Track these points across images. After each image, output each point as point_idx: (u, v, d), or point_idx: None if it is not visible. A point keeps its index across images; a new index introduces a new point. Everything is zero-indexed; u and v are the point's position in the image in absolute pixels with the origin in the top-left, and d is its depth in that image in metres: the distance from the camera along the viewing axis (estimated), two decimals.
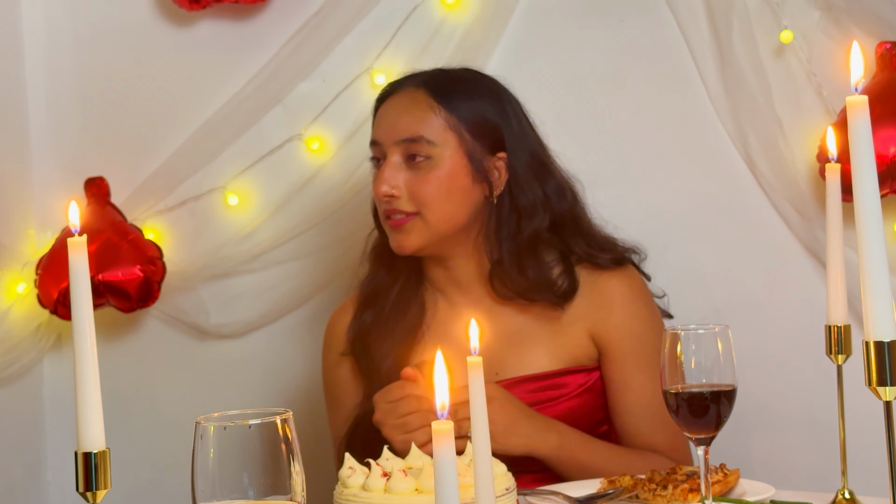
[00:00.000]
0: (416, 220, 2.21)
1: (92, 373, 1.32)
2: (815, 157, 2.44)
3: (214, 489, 1.26)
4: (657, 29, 2.60)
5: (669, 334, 1.69)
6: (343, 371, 2.35)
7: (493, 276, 2.24)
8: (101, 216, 2.80)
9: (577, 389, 2.22)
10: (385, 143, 2.24)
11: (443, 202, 2.20)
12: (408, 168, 2.21)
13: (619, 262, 2.27)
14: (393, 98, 2.28)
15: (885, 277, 1.25)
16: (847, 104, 1.26)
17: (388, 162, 2.23)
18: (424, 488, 1.67)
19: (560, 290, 2.22)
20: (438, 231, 2.21)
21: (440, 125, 2.21)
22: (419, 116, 2.22)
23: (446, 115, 2.21)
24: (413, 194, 2.20)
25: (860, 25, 2.42)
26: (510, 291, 2.23)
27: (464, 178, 2.21)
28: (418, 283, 2.32)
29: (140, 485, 2.90)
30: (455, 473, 1.07)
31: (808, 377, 2.51)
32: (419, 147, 2.20)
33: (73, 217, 1.38)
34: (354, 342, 2.32)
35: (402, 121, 2.23)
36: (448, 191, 2.20)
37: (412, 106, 2.24)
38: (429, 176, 2.20)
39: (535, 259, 2.22)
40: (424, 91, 2.24)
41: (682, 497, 1.81)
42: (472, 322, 1.30)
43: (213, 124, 2.80)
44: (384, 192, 2.21)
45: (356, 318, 2.33)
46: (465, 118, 2.22)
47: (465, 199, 2.22)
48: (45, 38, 2.92)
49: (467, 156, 2.21)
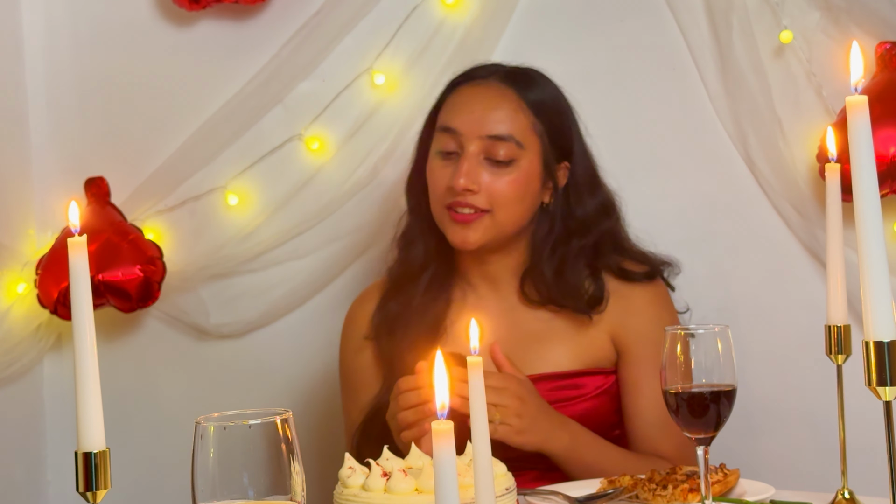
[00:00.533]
0: (486, 218, 2.19)
1: (92, 373, 1.32)
2: (815, 158, 2.44)
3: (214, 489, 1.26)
4: (657, 29, 2.61)
5: (669, 334, 1.69)
6: (364, 358, 2.32)
7: (527, 278, 2.24)
8: (102, 216, 2.80)
9: (595, 391, 2.22)
10: (467, 135, 2.20)
11: (516, 204, 2.19)
12: (488, 165, 2.19)
13: (651, 276, 2.28)
14: (477, 88, 2.24)
15: (885, 277, 1.25)
16: (847, 104, 1.26)
17: (468, 155, 2.19)
18: (424, 488, 1.67)
19: (588, 300, 2.22)
20: (504, 231, 2.20)
21: (527, 127, 2.20)
22: (509, 115, 2.20)
23: (533, 118, 2.20)
24: (490, 193, 2.18)
25: (860, 25, 2.42)
26: (541, 297, 2.23)
27: (536, 183, 2.21)
28: (449, 275, 2.30)
29: (140, 485, 2.90)
30: (455, 473, 1.07)
31: (808, 377, 2.51)
32: (506, 147, 2.18)
33: (73, 217, 1.38)
34: (379, 327, 2.29)
35: (491, 115, 2.20)
36: (523, 194, 2.19)
37: (501, 102, 2.21)
38: (508, 177, 2.18)
39: (575, 270, 2.22)
40: (512, 89, 2.21)
41: (681, 497, 1.81)
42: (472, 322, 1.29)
43: (213, 124, 2.80)
44: (462, 185, 2.17)
45: (383, 303, 2.30)
46: (546, 123, 2.21)
47: (533, 203, 2.22)
48: (45, 38, 2.92)
49: (543, 161, 2.21)
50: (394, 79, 2.72)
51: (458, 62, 2.67)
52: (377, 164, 2.74)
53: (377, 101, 2.73)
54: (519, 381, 2.08)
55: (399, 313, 2.26)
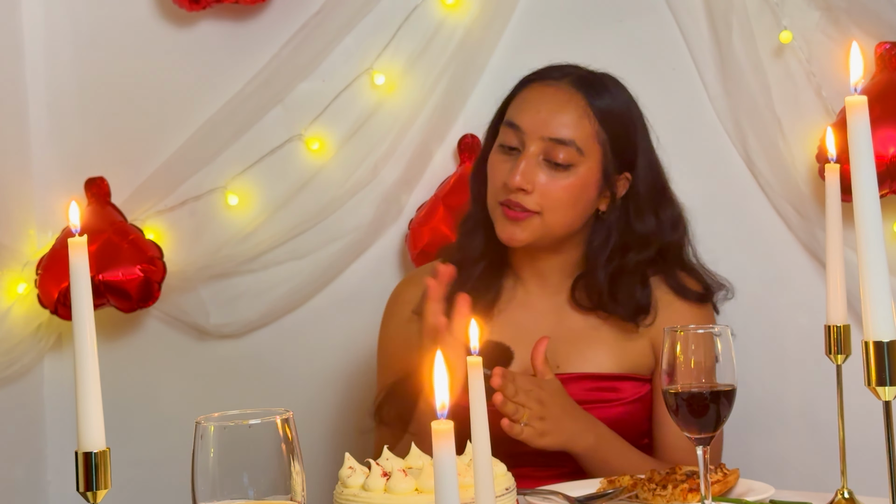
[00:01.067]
0: (535, 219, 2.18)
1: (92, 373, 1.32)
2: (814, 158, 2.44)
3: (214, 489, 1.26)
4: (657, 29, 2.61)
5: (669, 334, 1.69)
6: (414, 330, 2.27)
7: (579, 284, 2.23)
8: (102, 216, 2.81)
9: (631, 397, 2.22)
10: (529, 134, 2.19)
11: (567, 210, 2.18)
12: (546, 167, 2.18)
13: (705, 298, 2.26)
14: (546, 88, 2.23)
15: (885, 277, 1.25)
16: (846, 104, 1.26)
17: (528, 154, 2.18)
18: (424, 488, 1.67)
19: (636, 308, 2.21)
20: (553, 233, 2.20)
21: (591, 135, 2.18)
22: (574, 120, 2.18)
23: (598, 126, 2.18)
24: (542, 195, 2.17)
25: (860, 26, 2.42)
26: (591, 304, 2.22)
27: (592, 191, 2.20)
28: (501, 267, 2.29)
29: (140, 485, 2.90)
30: (455, 473, 1.07)
31: (807, 377, 2.51)
32: (566, 151, 2.17)
33: (74, 217, 1.38)
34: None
35: (556, 118, 2.18)
36: (576, 200, 2.18)
37: (569, 106, 2.19)
38: (564, 181, 2.17)
39: (630, 282, 2.21)
40: (582, 94, 2.20)
41: (681, 497, 1.81)
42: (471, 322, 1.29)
43: (213, 124, 2.80)
44: (518, 184, 2.16)
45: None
46: (611, 133, 2.19)
47: (586, 209, 2.21)
48: (45, 38, 2.92)
49: (602, 171, 2.19)
50: (394, 79, 2.72)
51: (458, 62, 2.68)
52: (377, 164, 2.74)
53: (377, 101, 2.73)
54: (542, 384, 2.08)
55: (451, 294, 2.25)
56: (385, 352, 2.36)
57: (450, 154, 2.74)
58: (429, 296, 2.09)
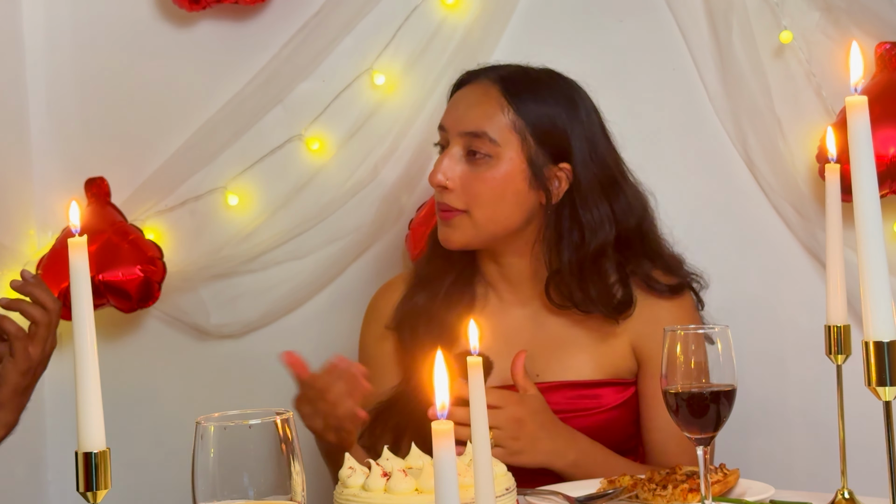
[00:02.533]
0: (464, 218, 2.18)
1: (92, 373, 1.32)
2: (814, 158, 2.44)
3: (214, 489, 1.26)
4: (657, 29, 2.61)
5: (669, 334, 1.69)
6: (387, 346, 2.31)
7: (551, 285, 2.21)
8: (102, 216, 2.81)
9: (614, 402, 2.21)
10: (450, 132, 2.21)
11: (494, 203, 2.18)
12: (467, 162, 2.19)
13: (676, 290, 2.24)
14: (467, 88, 2.25)
15: (885, 277, 1.25)
16: (846, 104, 1.27)
17: (448, 152, 2.20)
18: (424, 488, 1.68)
19: (616, 305, 2.20)
20: (486, 230, 2.19)
21: (506, 125, 2.18)
22: (487, 112, 2.19)
23: (514, 115, 2.18)
24: (466, 190, 2.18)
25: (860, 26, 2.42)
26: (566, 301, 2.20)
27: (520, 183, 2.18)
28: (472, 275, 2.29)
29: (140, 485, 2.90)
30: (455, 473, 1.07)
31: (808, 377, 2.51)
32: (481, 143, 2.17)
33: (74, 217, 1.38)
34: (403, 320, 2.28)
35: (469, 113, 2.20)
36: (501, 193, 2.18)
37: (483, 100, 2.21)
38: (485, 174, 2.17)
39: (597, 274, 2.19)
40: (498, 88, 2.20)
41: (681, 497, 1.81)
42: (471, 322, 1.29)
43: (213, 124, 2.81)
44: (438, 181, 2.18)
45: (408, 297, 2.29)
46: (532, 122, 2.18)
47: (519, 202, 2.19)
48: (45, 38, 2.92)
49: (528, 160, 2.18)
50: (394, 79, 2.72)
51: (458, 62, 2.67)
52: (377, 164, 2.74)
53: (377, 101, 2.74)
54: (519, 400, 2.07)
55: (423, 307, 2.25)
56: (361, 359, 2.36)
57: None
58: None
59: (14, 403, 2.16)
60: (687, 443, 1.92)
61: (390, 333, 2.30)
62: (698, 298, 2.29)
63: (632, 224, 2.23)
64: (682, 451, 2.15)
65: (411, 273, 2.34)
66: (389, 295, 2.34)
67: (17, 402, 2.17)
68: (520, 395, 2.08)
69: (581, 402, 2.19)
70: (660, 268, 2.25)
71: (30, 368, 2.15)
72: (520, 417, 2.05)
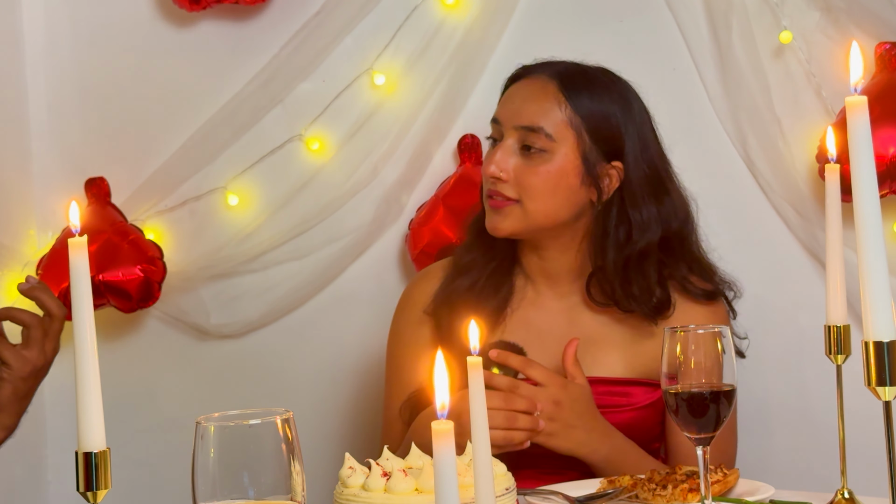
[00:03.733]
0: (515, 207, 2.19)
1: (92, 373, 1.32)
2: (814, 158, 2.44)
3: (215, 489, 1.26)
4: (657, 29, 2.61)
5: (669, 334, 1.69)
6: (424, 331, 2.30)
7: (593, 281, 2.23)
8: (102, 216, 2.81)
9: (642, 402, 2.21)
10: (504, 125, 2.22)
11: (546, 197, 2.19)
12: (521, 155, 2.20)
13: (711, 296, 2.25)
14: (523, 82, 2.26)
15: (885, 277, 1.25)
16: (846, 104, 1.27)
17: (503, 144, 2.21)
18: (424, 488, 1.68)
19: (656, 306, 2.21)
20: (535, 222, 2.20)
21: (562, 121, 2.19)
22: (544, 107, 2.20)
23: (571, 112, 2.19)
24: (519, 182, 2.19)
25: (859, 26, 2.42)
26: (608, 299, 2.22)
27: (573, 178, 2.19)
28: (511, 266, 2.30)
29: (140, 485, 2.90)
30: (455, 473, 1.07)
31: (807, 377, 2.51)
32: (536, 138, 2.18)
33: (74, 217, 1.38)
34: (441, 304, 2.28)
35: (526, 107, 2.21)
36: (554, 187, 2.19)
37: (540, 95, 2.21)
38: (539, 168, 2.18)
39: (640, 274, 2.20)
40: (555, 83, 2.21)
41: (681, 497, 1.81)
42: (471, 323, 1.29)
43: (213, 124, 2.81)
44: (492, 172, 2.19)
45: (448, 282, 2.29)
46: (587, 119, 2.20)
47: (569, 198, 2.20)
48: (45, 38, 2.92)
49: (581, 157, 2.19)
50: (394, 79, 2.72)
51: (458, 62, 2.68)
52: (377, 164, 2.74)
53: (377, 101, 2.74)
54: (562, 385, 2.07)
55: (463, 293, 2.26)
56: (394, 352, 2.36)
57: (450, 154, 2.74)
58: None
59: (14, 407, 2.16)
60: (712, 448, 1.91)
61: (428, 318, 2.30)
62: (731, 307, 2.29)
63: (675, 227, 2.24)
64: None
65: (449, 262, 2.34)
66: (426, 282, 2.34)
67: (18, 407, 2.17)
68: (565, 381, 2.08)
69: (610, 399, 2.20)
70: (696, 273, 2.26)
71: (31, 373, 2.15)
72: (559, 400, 2.06)
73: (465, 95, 2.71)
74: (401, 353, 2.33)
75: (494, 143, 2.25)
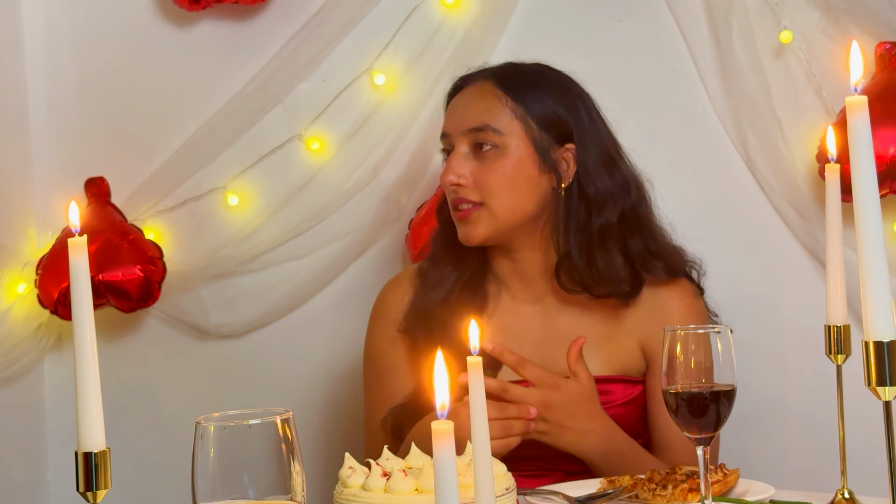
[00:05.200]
0: (482, 211, 2.20)
1: (92, 373, 1.32)
2: (814, 158, 2.45)
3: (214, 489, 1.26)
4: (657, 29, 2.61)
5: (669, 334, 1.69)
6: (399, 352, 2.30)
7: (561, 268, 2.23)
8: (102, 216, 2.81)
9: (622, 399, 2.22)
10: (453, 134, 2.24)
11: (508, 191, 2.19)
12: (475, 158, 2.21)
13: (672, 272, 2.25)
14: (463, 91, 2.28)
15: (885, 277, 1.25)
16: (846, 104, 1.27)
17: (455, 152, 2.22)
18: (424, 488, 1.68)
19: (626, 282, 2.21)
20: (505, 221, 2.20)
21: (507, 114, 2.20)
22: (486, 106, 2.22)
23: (513, 104, 2.21)
24: (479, 183, 2.20)
25: (859, 26, 2.42)
26: (577, 284, 2.21)
27: (530, 168, 2.20)
28: (483, 274, 2.30)
29: (140, 485, 2.90)
30: (455, 473, 1.07)
31: (807, 377, 2.51)
32: (486, 136, 2.20)
33: (74, 217, 1.38)
34: (416, 324, 2.28)
35: (469, 111, 2.23)
36: (514, 180, 2.20)
37: (480, 97, 2.24)
38: (495, 165, 2.19)
39: (604, 251, 2.21)
40: (492, 83, 2.24)
41: (681, 497, 1.81)
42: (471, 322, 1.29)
43: (213, 124, 2.81)
44: (451, 181, 2.20)
45: (418, 299, 2.29)
46: (531, 108, 2.21)
47: (532, 189, 2.21)
48: (45, 38, 2.92)
49: (534, 145, 2.20)
50: (394, 79, 2.72)
51: (458, 62, 2.68)
52: (377, 164, 2.74)
53: (377, 101, 2.74)
54: (554, 385, 2.07)
55: (436, 309, 2.26)
56: (378, 376, 2.35)
57: None
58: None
59: None
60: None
61: (402, 336, 2.30)
62: (696, 285, 2.29)
63: (629, 204, 2.24)
64: (690, 448, 2.16)
65: (416, 273, 2.34)
66: (396, 292, 2.33)
67: None
68: (557, 381, 2.08)
69: None
70: (653, 251, 2.26)
71: None
72: (549, 402, 2.06)
73: None
74: (379, 368, 2.33)
75: (446, 156, 2.26)
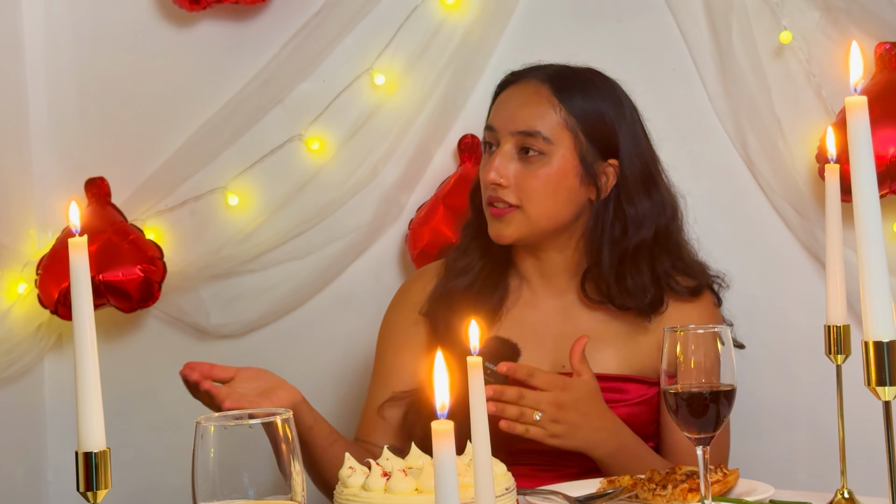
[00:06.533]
0: (517, 213, 2.20)
1: (92, 373, 1.32)
2: (814, 158, 2.45)
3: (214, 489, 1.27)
4: (657, 29, 2.61)
5: (669, 334, 1.69)
6: (420, 332, 2.30)
7: (588, 278, 2.24)
8: (102, 216, 2.81)
9: (636, 399, 2.22)
10: (500, 131, 2.23)
11: (547, 199, 2.20)
12: (519, 160, 2.21)
13: (694, 292, 2.26)
14: (515, 87, 2.27)
15: (885, 277, 1.25)
16: (846, 104, 1.27)
17: (500, 150, 2.22)
18: (424, 488, 1.68)
19: (650, 302, 2.22)
20: (538, 226, 2.21)
21: (558, 123, 2.20)
22: (539, 111, 2.21)
23: (565, 114, 2.21)
24: (519, 187, 2.20)
25: (859, 26, 2.42)
26: (601, 295, 2.23)
27: (572, 179, 2.21)
28: (506, 269, 2.31)
29: (140, 485, 2.90)
30: (455, 473, 1.07)
31: (807, 377, 2.51)
32: (534, 141, 2.20)
33: (74, 217, 1.38)
34: (439, 304, 2.28)
35: (521, 112, 2.22)
36: (554, 189, 2.20)
37: (533, 99, 2.23)
38: (538, 171, 2.20)
39: (635, 268, 2.22)
40: (548, 86, 2.23)
41: (681, 497, 1.81)
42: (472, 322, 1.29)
43: (213, 124, 2.81)
44: (491, 179, 2.20)
45: (444, 281, 2.30)
46: (583, 119, 2.22)
47: (570, 199, 2.22)
48: (45, 38, 2.92)
49: (579, 157, 2.21)
50: (394, 79, 2.72)
51: (458, 62, 2.68)
52: (377, 164, 2.74)
53: (377, 101, 2.74)
54: (565, 386, 2.07)
55: (461, 292, 2.27)
56: (385, 349, 2.36)
57: (450, 154, 2.74)
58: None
59: None
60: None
61: (423, 320, 2.30)
62: (717, 297, 2.30)
63: (663, 222, 2.26)
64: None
65: (443, 264, 2.35)
66: (421, 281, 2.35)
67: None
68: (567, 381, 2.08)
69: (605, 395, 2.19)
70: (679, 269, 2.27)
71: None
72: (562, 403, 2.06)
73: (465, 95, 2.71)
74: (392, 352, 2.33)
75: (488, 150, 2.26)
